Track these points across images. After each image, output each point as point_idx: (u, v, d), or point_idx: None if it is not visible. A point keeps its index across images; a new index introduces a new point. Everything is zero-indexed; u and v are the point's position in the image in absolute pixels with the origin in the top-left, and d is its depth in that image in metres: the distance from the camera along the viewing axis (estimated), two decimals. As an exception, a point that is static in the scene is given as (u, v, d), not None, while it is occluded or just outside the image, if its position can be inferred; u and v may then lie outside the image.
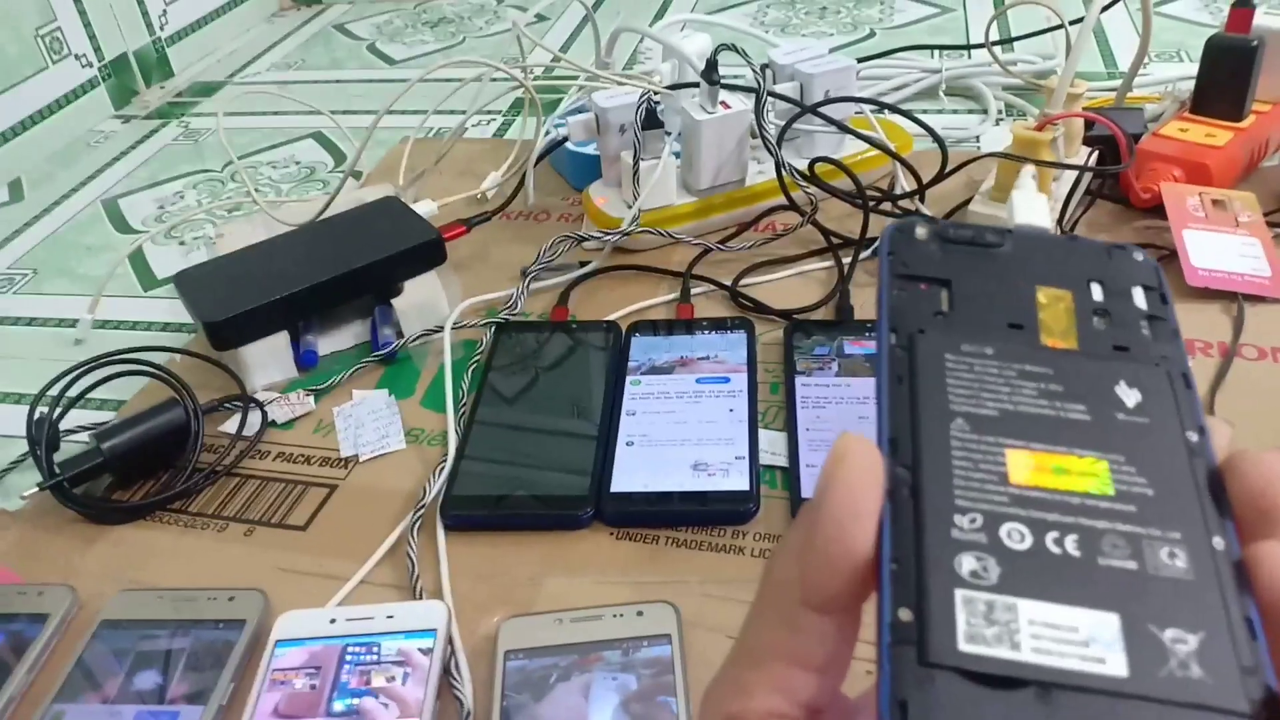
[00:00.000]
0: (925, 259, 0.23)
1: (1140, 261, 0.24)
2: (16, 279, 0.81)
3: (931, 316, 0.22)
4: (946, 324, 0.22)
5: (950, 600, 0.18)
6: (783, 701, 0.20)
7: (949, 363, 0.21)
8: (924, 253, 0.23)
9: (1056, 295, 0.23)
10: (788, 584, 0.20)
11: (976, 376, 0.21)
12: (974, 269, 0.23)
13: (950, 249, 0.23)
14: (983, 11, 1.07)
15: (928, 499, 0.19)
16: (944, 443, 0.20)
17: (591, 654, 0.42)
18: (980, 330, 0.22)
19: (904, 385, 0.21)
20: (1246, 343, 0.56)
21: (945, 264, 0.23)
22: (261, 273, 0.64)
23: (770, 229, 0.71)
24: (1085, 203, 0.69)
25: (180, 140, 1.03)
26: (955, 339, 0.22)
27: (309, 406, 0.60)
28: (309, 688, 0.42)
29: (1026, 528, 0.19)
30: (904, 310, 0.22)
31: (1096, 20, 0.68)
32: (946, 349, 0.22)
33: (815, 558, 0.20)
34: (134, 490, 0.56)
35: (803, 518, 0.20)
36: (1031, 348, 0.22)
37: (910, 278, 0.23)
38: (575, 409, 0.56)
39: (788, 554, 0.21)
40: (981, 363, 0.21)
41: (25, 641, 0.46)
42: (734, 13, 1.18)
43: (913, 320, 0.22)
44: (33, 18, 1.01)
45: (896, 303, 0.22)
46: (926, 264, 0.23)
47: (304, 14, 1.37)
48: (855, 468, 0.20)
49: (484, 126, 0.96)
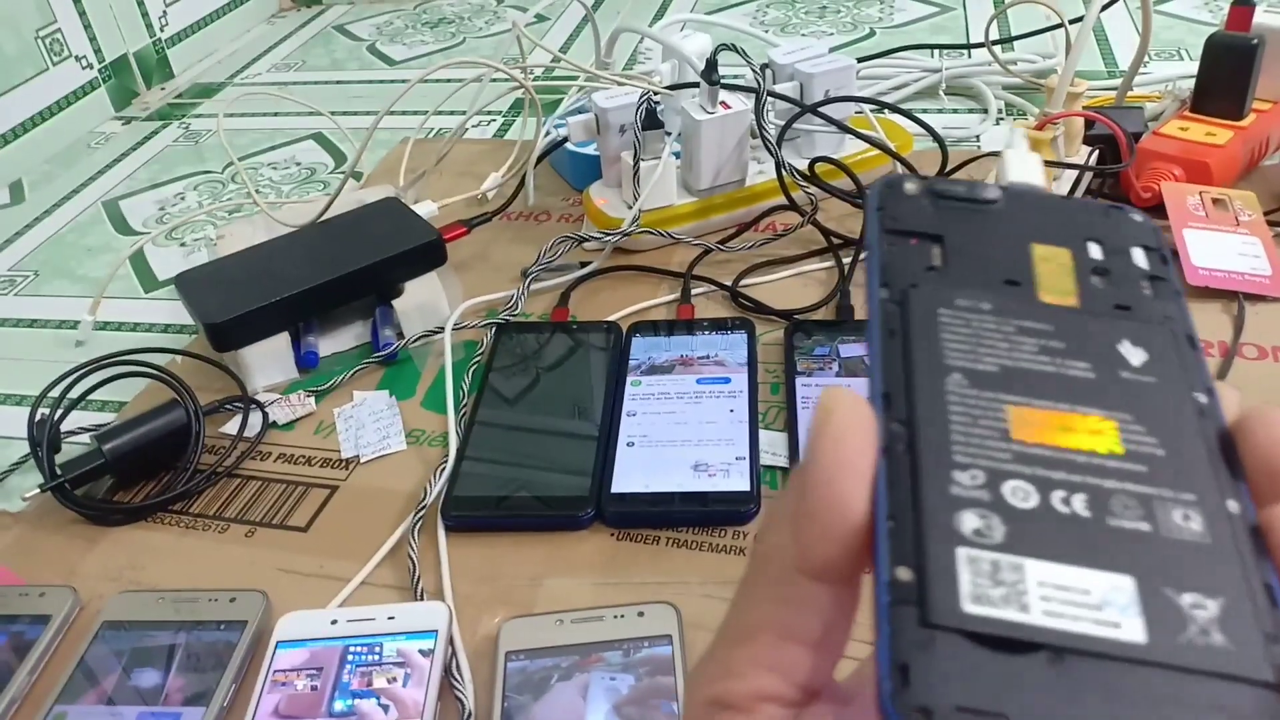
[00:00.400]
0: (916, 214, 0.22)
1: (1139, 222, 0.23)
2: (17, 281, 0.81)
3: (924, 271, 0.21)
4: (940, 278, 0.21)
5: (952, 559, 0.17)
6: (775, 681, 0.18)
7: (943, 317, 0.20)
8: (915, 208, 0.22)
9: (1054, 252, 0.22)
10: (780, 550, 0.19)
11: (974, 331, 0.20)
12: (967, 225, 0.22)
13: (942, 205, 0.22)
14: (983, 11, 1.07)
15: (925, 455, 0.18)
16: (941, 398, 0.19)
17: (592, 655, 0.42)
18: (976, 285, 0.21)
19: (897, 339, 0.20)
20: (1247, 342, 0.56)
21: (937, 220, 0.22)
22: (262, 274, 0.64)
23: (770, 229, 0.71)
24: (1085, 202, 0.68)
25: (181, 141, 1.03)
26: (950, 293, 0.21)
27: (310, 407, 0.60)
28: (310, 689, 0.42)
29: (1032, 485, 0.18)
30: (895, 265, 0.21)
31: (1096, 19, 0.68)
32: (941, 303, 0.21)
33: (808, 520, 0.18)
34: (135, 491, 0.56)
35: (794, 481, 0.19)
36: (1030, 304, 0.21)
37: (901, 233, 0.22)
38: (576, 410, 0.56)
39: (779, 521, 0.19)
40: (979, 317, 0.21)
41: (27, 643, 0.46)
42: (734, 12, 1.18)
43: (905, 275, 0.21)
44: (33, 19, 1.01)
45: (888, 258, 0.21)
46: (917, 219, 0.22)
47: (304, 15, 1.37)
48: (844, 421, 0.19)
49: (484, 127, 0.96)
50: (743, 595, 0.19)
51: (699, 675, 0.19)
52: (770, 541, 0.19)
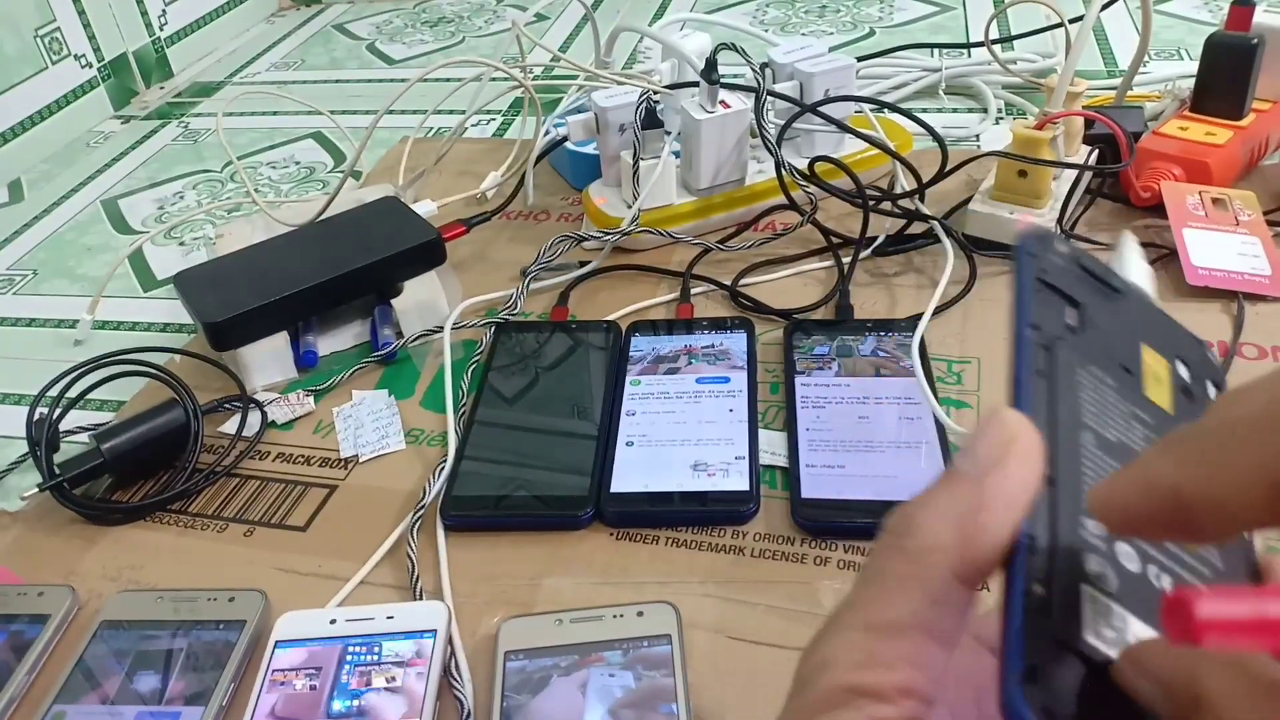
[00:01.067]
0: (1062, 274, 0.24)
1: (1216, 362, 0.26)
2: (16, 279, 0.81)
3: (1065, 329, 0.23)
4: (1076, 341, 0.23)
5: (1078, 591, 0.19)
6: (919, 676, 0.19)
7: (1082, 377, 0.23)
8: (1061, 268, 0.24)
9: (1157, 360, 0.24)
10: (938, 551, 0.20)
11: (1102, 400, 0.22)
12: (1099, 302, 0.24)
13: (1082, 275, 0.25)
14: (982, 10, 1.07)
15: (1063, 492, 0.20)
16: (1076, 448, 0.21)
17: (591, 654, 0.42)
18: (1102, 360, 0.23)
19: (1043, 381, 0.22)
20: (1246, 341, 0.56)
21: (1078, 286, 0.24)
22: (261, 273, 0.64)
23: (770, 229, 0.71)
24: (1085, 201, 0.69)
25: (180, 140, 1.03)
26: (1086, 358, 0.23)
27: (309, 407, 0.60)
28: (309, 688, 0.42)
29: (1136, 554, 0.20)
30: (1044, 312, 0.23)
31: (1096, 19, 0.68)
32: (1080, 364, 0.23)
33: (980, 533, 0.20)
34: (134, 491, 0.56)
35: (961, 488, 0.20)
36: (1138, 395, 0.23)
37: (1049, 285, 0.24)
38: (575, 409, 0.56)
39: (939, 520, 0.20)
40: (1105, 390, 0.23)
41: (25, 642, 0.46)
42: (733, 12, 1.18)
43: (1050, 326, 0.23)
44: (32, 18, 1.01)
45: (1039, 303, 0.23)
46: (1063, 279, 0.24)
47: (303, 14, 1.37)
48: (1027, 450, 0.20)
49: (483, 126, 0.96)
50: (888, 587, 0.20)
51: (832, 661, 0.20)
52: (925, 540, 0.20)
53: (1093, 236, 0.66)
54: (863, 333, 0.59)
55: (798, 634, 0.43)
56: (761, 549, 0.47)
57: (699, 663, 0.42)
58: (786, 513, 0.49)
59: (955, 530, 0.20)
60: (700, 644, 0.43)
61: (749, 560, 0.47)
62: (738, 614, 0.44)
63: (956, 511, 0.20)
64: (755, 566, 0.47)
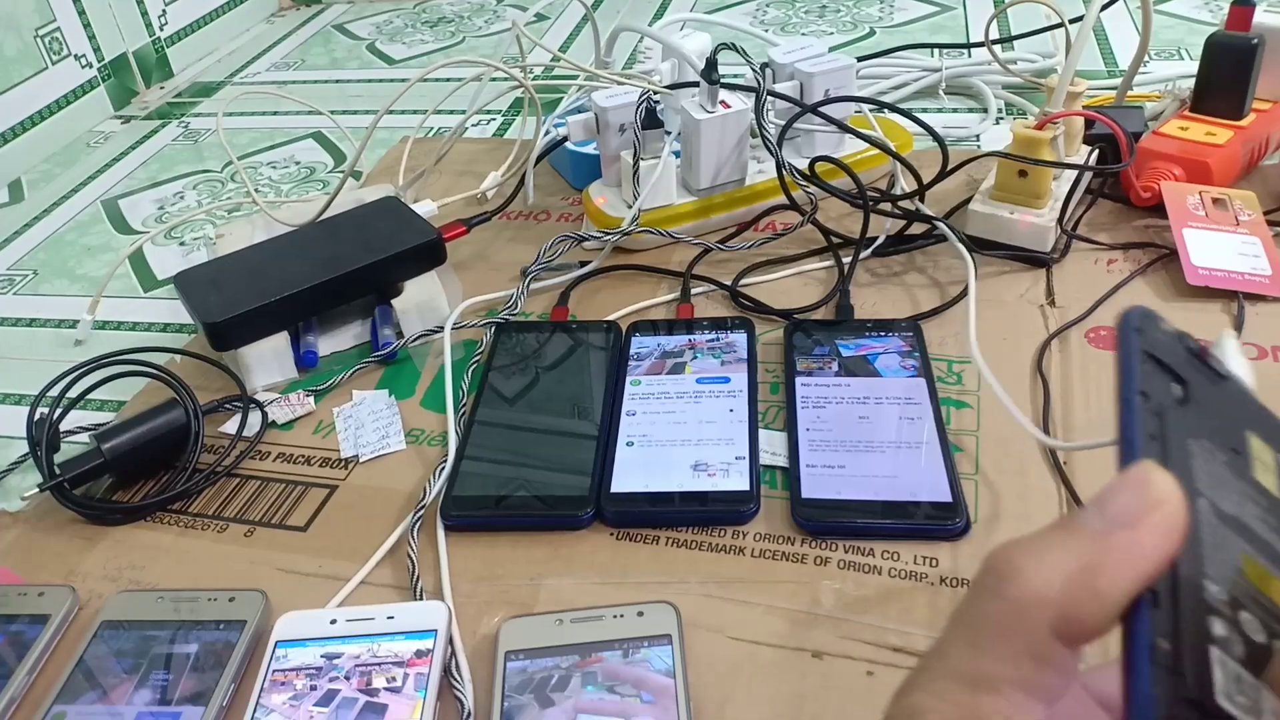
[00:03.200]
0: (1168, 350, 0.24)
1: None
2: (16, 280, 0.81)
3: (1173, 400, 0.23)
4: (1184, 414, 0.23)
5: (1206, 652, 0.19)
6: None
7: (1194, 448, 0.22)
8: (1167, 345, 0.24)
9: (1264, 449, 0.24)
10: (1042, 606, 0.19)
11: (1216, 472, 0.22)
12: (1205, 383, 0.24)
13: (1187, 355, 0.25)
14: (983, 10, 1.07)
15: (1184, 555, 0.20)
16: (1194, 514, 0.21)
17: (592, 654, 0.42)
18: (1211, 436, 0.23)
19: (1156, 444, 0.21)
20: (1247, 341, 0.56)
21: (1184, 364, 0.24)
22: (261, 273, 0.64)
23: (770, 229, 0.71)
24: (1086, 202, 0.69)
25: (180, 140, 1.03)
26: (1195, 431, 0.23)
27: (309, 407, 0.60)
28: (309, 689, 0.42)
29: (1259, 624, 0.20)
30: (1151, 383, 0.23)
31: (1096, 19, 0.68)
32: (1192, 434, 0.22)
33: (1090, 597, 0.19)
34: (134, 491, 0.56)
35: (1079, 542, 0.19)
36: (1249, 476, 0.23)
37: (1155, 359, 0.24)
38: (575, 409, 0.56)
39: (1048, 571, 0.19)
40: (1218, 465, 0.22)
41: (26, 642, 0.46)
42: (733, 12, 1.18)
43: (1158, 395, 0.23)
44: (32, 18, 1.01)
45: (1146, 373, 0.23)
46: (1169, 355, 0.24)
47: (303, 14, 1.37)
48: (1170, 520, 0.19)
49: (484, 126, 0.96)
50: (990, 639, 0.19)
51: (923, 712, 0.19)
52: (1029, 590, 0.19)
53: (1093, 237, 0.66)
54: (863, 333, 0.59)
55: (798, 634, 0.43)
56: (762, 549, 0.48)
57: (699, 663, 0.42)
58: (787, 513, 0.49)
59: (1063, 586, 0.19)
60: (700, 644, 0.43)
61: (749, 560, 0.47)
62: (738, 614, 0.45)
63: (1069, 567, 0.19)
64: (755, 567, 0.47)
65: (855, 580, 0.45)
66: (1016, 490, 0.49)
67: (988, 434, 0.52)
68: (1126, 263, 0.64)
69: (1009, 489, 0.49)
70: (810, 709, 0.40)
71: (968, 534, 0.47)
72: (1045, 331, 0.58)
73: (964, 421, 0.53)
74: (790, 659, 0.42)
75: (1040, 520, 0.47)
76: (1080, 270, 0.63)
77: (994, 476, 0.50)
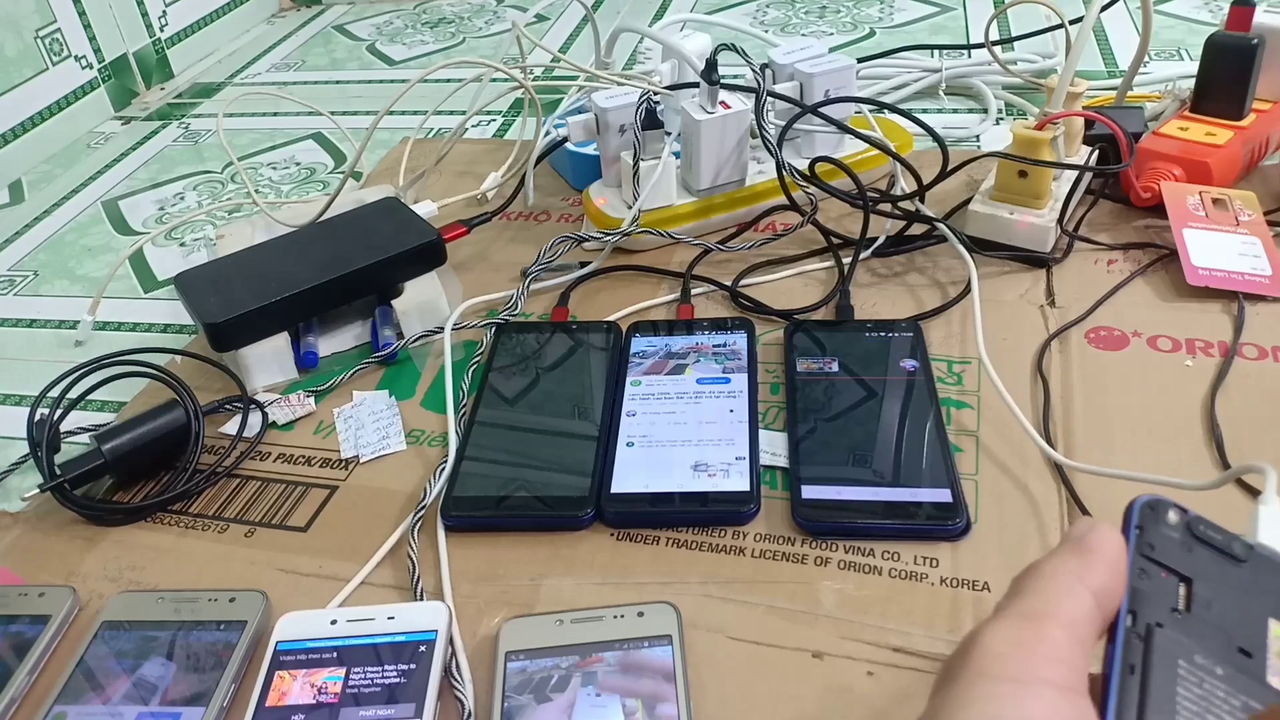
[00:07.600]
0: (1171, 548, 0.23)
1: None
2: (17, 281, 0.81)
3: (1169, 612, 0.22)
4: (1183, 625, 0.22)
5: None
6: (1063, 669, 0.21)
7: (1182, 671, 0.21)
8: (1171, 540, 0.23)
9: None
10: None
11: (1205, 695, 0.21)
12: (1215, 576, 0.23)
13: (1195, 546, 0.24)
14: (983, 10, 1.07)
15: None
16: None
17: (592, 655, 0.42)
18: (1213, 645, 0.22)
19: (1135, 678, 0.21)
20: (1247, 342, 0.56)
21: (1189, 560, 0.23)
22: (262, 274, 0.64)
23: (770, 229, 0.71)
24: (1086, 202, 0.69)
25: (180, 141, 1.03)
26: (1190, 646, 0.22)
27: (309, 408, 0.60)
28: (310, 689, 0.42)
29: None
30: (1144, 594, 0.22)
31: (1096, 19, 0.68)
32: (1181, 655, 0.22)
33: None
34: (134, 491, 0.56)
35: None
36: (1257, 683, 0.22)
37: (1154, 562, 0.23)
38: (576, 410, 0.56)
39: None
40: (1211, 682, 0.21)
41: (26, 643, 0.46)
42: (733, 12, 1.18)
43: (1151, 609, 0.22)
44: (33, 19, 1.01)
45: (1138, 584, 0.22)
46: (1172, 554, 0.23)
47: (304, 15, 1.37)
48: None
49: (484, 127, 0.96)
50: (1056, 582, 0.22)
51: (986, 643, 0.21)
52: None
53: (1093, 237, 0.66)
54: (863, 333, 0.59)
55: (798, 634, 0.43)
56: (762, 549, 0.48)
57: (699, 663, 0.42)
58: (787, 513, 0.49)
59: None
60: (700, 644, 0.43)
61: (749, 561, 0.47)
62: (738, 614, 0.45)
63: None
64: (756, 567, 0.47)
65: (855, 580, 0.45)
66: (1016, 490, 0.49)
67: (988, 434, 0.52)
68: (1127, 263, 0.64)
69: (1009, 489, 0.49)
70: (810, 709, 0.40)
71: (968, 534, 0.47)
72: (1045, 332, 0.58)
73: (964, 421, 0.53)
74: (790, 659, 0.42)
75: (1040, 520, 0.47)
76: (1080, 270, 0.63)
77: (994, 476, 0.50)
